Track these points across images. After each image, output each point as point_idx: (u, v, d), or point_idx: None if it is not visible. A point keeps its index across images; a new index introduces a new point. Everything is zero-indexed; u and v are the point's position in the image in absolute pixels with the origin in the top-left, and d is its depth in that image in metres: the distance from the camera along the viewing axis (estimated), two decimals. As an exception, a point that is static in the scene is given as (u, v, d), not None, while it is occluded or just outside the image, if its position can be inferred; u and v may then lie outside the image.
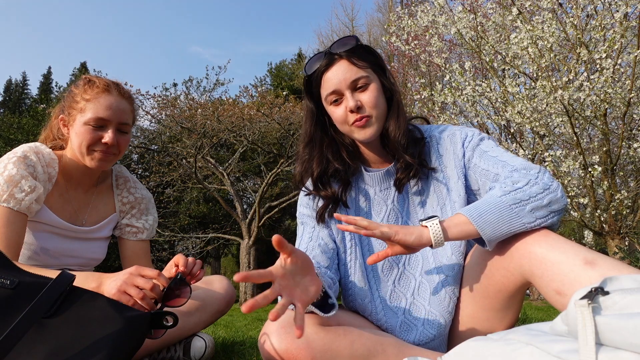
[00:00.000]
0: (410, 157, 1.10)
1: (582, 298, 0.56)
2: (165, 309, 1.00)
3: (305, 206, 1.21)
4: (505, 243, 0.94)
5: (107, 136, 1.24)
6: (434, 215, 0.95)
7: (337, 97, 1.09)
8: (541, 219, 0.90)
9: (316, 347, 0.89)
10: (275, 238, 0.72)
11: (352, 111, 1.06)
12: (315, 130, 1.17)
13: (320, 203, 1.18)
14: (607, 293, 0.56)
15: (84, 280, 1.02)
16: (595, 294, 0.56)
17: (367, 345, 0.93)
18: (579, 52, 4.52)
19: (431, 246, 0.92)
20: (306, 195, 1.20)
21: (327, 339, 0.90)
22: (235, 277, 0.65)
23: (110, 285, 0.99)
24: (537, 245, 0.88)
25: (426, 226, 0.92)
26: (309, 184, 1.20)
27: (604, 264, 0.80)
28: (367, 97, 1.07)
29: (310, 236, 1.15)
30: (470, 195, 1.12)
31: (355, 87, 1.07)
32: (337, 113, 1.10)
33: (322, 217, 1.16)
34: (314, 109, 1.17)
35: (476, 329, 1.06)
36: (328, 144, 1.17)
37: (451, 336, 1.12)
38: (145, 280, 0.98)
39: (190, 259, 1.11)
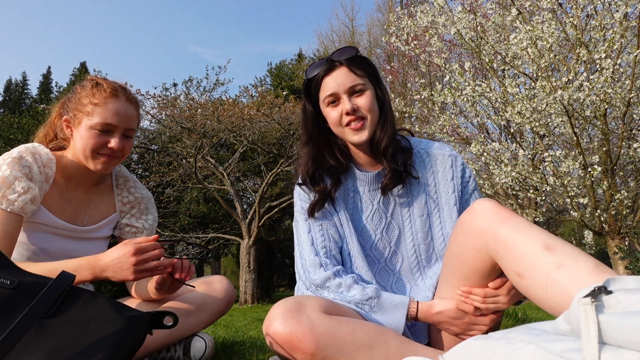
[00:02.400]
0: (394, 164, 1.19)
1: (586, 296, 0.55)
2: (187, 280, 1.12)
3: (309, 202, 1.24)
4: (475, 224, 0.96)
5: (114, 141, 1.24)
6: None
7: (335, 99, 1.17)
8: None
9: (320, 332, 0.91)
10: None
11: (347, 113, 1.15)
12: (314, 130, 1.26)
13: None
14: (610, 292, 0.56)
15: (75, 269, 1.06)
16: (598, 292, 0.56)
17: (369, 334, 0.95)
18: (579, 52, 4.52)
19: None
20: (305, 191, 1.25)
21: (330, 325, 0.93)
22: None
23: (115, 271, 1.06)
24: (503, 226, 0.90)
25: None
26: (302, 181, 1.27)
27: (563, 250, 0.82)
28: (363, 101, 1.16)
29: (327, 233, 1.20)
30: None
31: (352, 92, 1.16)
32: (332, 115, 1.18)
33: (312, 212, 1.21)
34: (312, 111, 1.25)
35: None
36: (325, 144, 1.27)
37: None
38: (147, 244, 1.07)
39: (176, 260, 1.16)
